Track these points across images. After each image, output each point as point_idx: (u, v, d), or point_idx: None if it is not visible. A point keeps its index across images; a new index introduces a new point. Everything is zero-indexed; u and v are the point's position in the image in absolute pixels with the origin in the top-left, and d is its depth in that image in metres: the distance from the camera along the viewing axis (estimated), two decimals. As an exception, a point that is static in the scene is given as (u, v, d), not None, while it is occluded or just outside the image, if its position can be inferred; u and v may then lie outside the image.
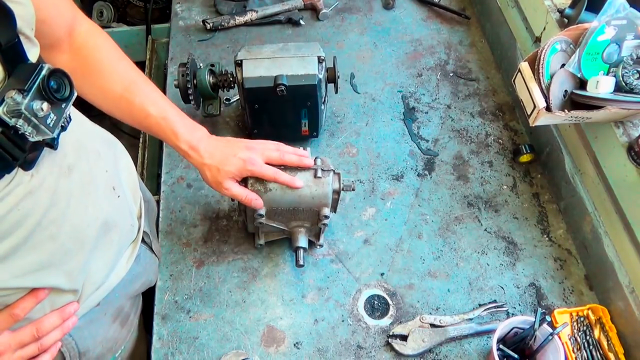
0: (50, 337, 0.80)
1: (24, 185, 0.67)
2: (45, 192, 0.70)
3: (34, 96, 0.62)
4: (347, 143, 1.33)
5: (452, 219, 1.20)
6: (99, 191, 0.82)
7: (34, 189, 0.68)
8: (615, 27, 0.98)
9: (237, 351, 1.01)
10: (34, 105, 0.62)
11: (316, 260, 1.13)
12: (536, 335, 0.94)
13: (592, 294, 1.10)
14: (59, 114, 0.67)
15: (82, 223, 0.78)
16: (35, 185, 0.68)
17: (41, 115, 0.63)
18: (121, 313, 0.98)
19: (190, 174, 1.27)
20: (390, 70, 1.49)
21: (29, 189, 0.67)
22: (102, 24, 2.00)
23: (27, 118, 0.62)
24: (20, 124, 0.61)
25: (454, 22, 1.63)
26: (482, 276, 1.12)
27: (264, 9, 1.59)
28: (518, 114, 1.39)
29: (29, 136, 0.63)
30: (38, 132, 0.64)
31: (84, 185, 0.78)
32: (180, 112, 0.98)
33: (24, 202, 0.67)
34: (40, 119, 0.64)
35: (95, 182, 0.81)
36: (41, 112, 0.63)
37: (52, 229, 0.73)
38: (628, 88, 0.98)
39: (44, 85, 0.63)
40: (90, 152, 0.82)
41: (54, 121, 0.66)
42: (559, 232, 1.19)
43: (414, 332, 1.02)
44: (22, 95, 0.61)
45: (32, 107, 0.62)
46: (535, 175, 1.28)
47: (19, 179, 0.66)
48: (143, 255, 1.01)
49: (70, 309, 0.82)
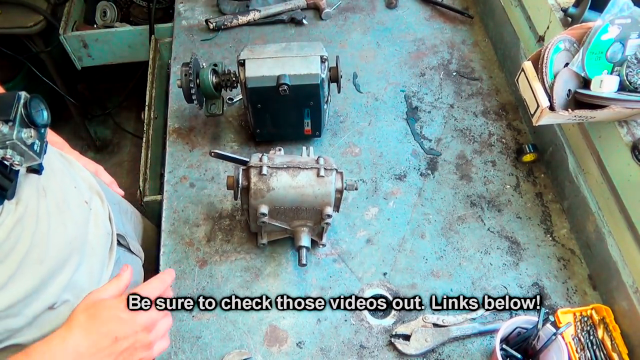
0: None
1: (12, 215, 0.67)
2: (30, 217, 0.71)
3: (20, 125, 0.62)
4: (350, 142, 1.33)
5: (455, 219, 1.20)
6: (72, 208, 0.84)
7: (21, 216, 0.69)
8: (619, 26, 0.98)
9: (240, 350, 1.01)
10: (22, 133, 0.63)
11: (319, 259, 1.13)
12: (539, 335, 0.94)
13: (595, 293, 1.10)
14: (41, 139, 0.68)
15: (63, 242, 0.79)
16: (21, 213, 0.69)
17: (29, 143, 0.64)
18: None
19: (193, 173, 1.27)
20: (393, 69, 1.49)
21: (17, 217, 0.68)
22: (105, 24, 2.01)
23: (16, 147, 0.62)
24: (10, 153, 0.62)
25: (457, 21, 1.62)
26: (485, 276, 1.12)
27: (267, 9, 1.59)
28: (521, 113, 1.39)
29: (17, 165, 0.64)
30: (26, 160, 0.65)
31: (58, 204, 0.79)
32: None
33: (14, 230, 0.68)
34: (29, 147, 0.64)
35: (67, 200, 0.82)
36: (30, 140, 0.64)
37: (39, 252, 0.74)
38: (632, 87, 0.97)
39: (26, 112, 0.64)
40: (55, 171, 0.82)
41: (39, 147, 0.67)
42: (563, 231, 1.19)
43: (416, 331, 1.02)
44: (8, 126, 0.61)
45: (21, 136, 0.63)
46: (538, 174, 1.28)
47: (7, 209, 0.67)
48: (123, 257, 1.02)
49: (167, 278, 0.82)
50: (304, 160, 1.02)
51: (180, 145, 1.33)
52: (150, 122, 1.59)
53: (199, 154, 1.31)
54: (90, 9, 2.05)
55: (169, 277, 0.82)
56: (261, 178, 0.98)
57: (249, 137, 1.33)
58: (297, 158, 1.03)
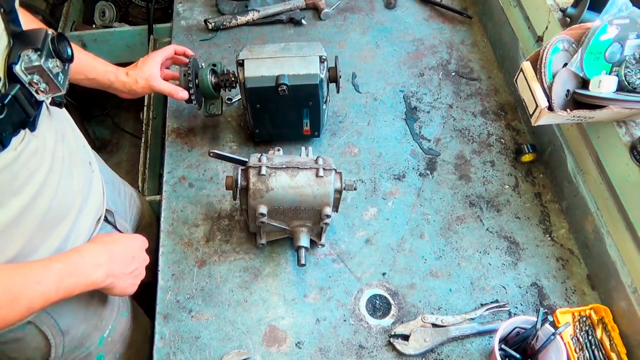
0: None
1: (31, 145, 0.73)
2: (47, 155, 0.77)
3: (47, 55, 0.70)
4: (349, 143, 1.33)
5: (454, 219, 1.20)
6: (79, 163, 0.88)
7: (38, 149, 0.75)
8: (617, 26, 0.98)
9: (239, 351, 1.01)
10: (49, 62, 0.71)
11: (318, 259, 1.13)
12: (538, 335, 0.94)
13: (594, 293, 1.10)
14: (65, 73, 0.75)
15: (69, 191, 0.83)
16: (39, 146, 0.75)
17: (55, 72, 0.72)
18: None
19: (192, 173, 1.27)
20: (392, 69, 1.49)
21: (34, 148, 0.74)
22: (104, 24, 2.01)
23: (44, 74, 0.70)
24: (36, 79, 0.69)
25: (456, 21, 1.63)
26: (484, 276, 1.12)
27: (266, 9, 1.59)
28: (520, 114, 1.39)
29: (42, 93, 0.71)
30: (50, 89, 0.72)
31: (71, 154, 0.84)
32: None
33: (31, 160, 0.73)
34: (54, 76, 0.72)
35: (77, 154, 0.88)
36: (56, 69, 0.72)
37: (50, 192, 0.78)
38: (630, 87, 0.97)
39: (54, 45, 0.72)
40: (70, 126, 0.89)
41: (63, 79, 0.75)
42: (561, 231, 1.19)
43: (415, 331, 1.02)
44: (37, 54, 0.69)
45: (48, 65, 0.70)
46: (537, 174, 1.28)
47: (28, 139, 0.73)
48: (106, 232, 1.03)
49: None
50: (303, 160, 1.02)
51: (179, 145, 1.33)
52: (149, 122, 1.59)
53: (198, 154, 1.31)
54: (89, 9, 2.05)
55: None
56: (260, 178, 0.98)
57: (248, 137, 1.33)
58: (296, 158, 1.03)
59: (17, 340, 0.86)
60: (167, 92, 1.20)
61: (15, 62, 0.67)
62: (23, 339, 0.86)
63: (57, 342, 0.90)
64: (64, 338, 0.91)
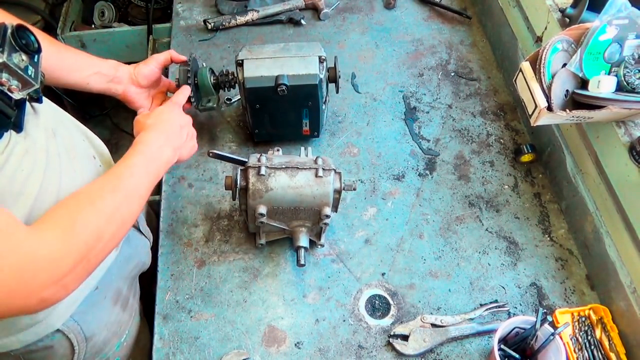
0: None
1: (20, 145, 0.71)
2: (40, 152, 0.75)
3: (10, 50, 0.68)
4: (348, 143, 1.33)
5: (454, 219, 1.20)
6: (81, 157, 0.87)
7: (30, 148, 0.73)
8: (616, 27, 0.98)
9: (238, 351, 1.01)
10: (13, 58, 0.68)
11: (317, 260, 1.13)
12: (537, 335, 0.94)
13: (593, 294, 1.10)
14: (35, 66, 0.73)
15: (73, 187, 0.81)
16: (30, 145, 0.73)
17: (22, 67, 0.69)
18: (120, 296, 1.00)
19: (191, 173, 1.27)
20: (391, 70, 1.49)
21: (25, 148, 0.72)
22: (103, 24, 2.00)
23: (11, 70, 0.67)
24: (5, 77, 0.67)
25: (455, 21, 1.63)
26: (484, 276, 1.12)
27: (265, 9, 1.59)
28: (519, 114, 1.39)
29: (15, 91, 0.69)
30: (24, 85, 0.70)
31: (68, 149, 0.82)
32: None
33: (24, 161, 0.71)
34: (23, 70, 0.69)
35: (76, 148, 0.86)
36: (22, 63, 0.69)
37: (53, 190, 0.76)
38: (630, 88, 0.97)
39: (14, 38, 0.69)
40: (65, 120, 0.88)
41: (33, 72, 0.72)
42: (561, 232, 1.19)
43: (415, 332, 1.02)
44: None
45: (13, 59, 0.68)
46: (536, 175, 1.28)
47: (15, 140, 0.71)
48: (132, 236, 1.04)
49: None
50: (303, 160, 1.02)
51: (178, 145, 1.33)
52: (149, 123, 1.59)
53: (197, 154, 1.30)
54: (88, 9, 2.05)
55: (187, 90, 1.15)
56: (259, 178, 0.98)
57: (248, 137, 1.33)
58: (296, 158, 1.03)
59: (46, 349, 0.87)
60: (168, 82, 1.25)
61: None
62: (52, 347, 0.87)
63: (80, 348, 0.91)
64: (87, 344, 0.92)
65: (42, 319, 0.82)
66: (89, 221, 0.72)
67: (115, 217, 0.76)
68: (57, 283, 0.66)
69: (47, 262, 0.65)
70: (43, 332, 0.84)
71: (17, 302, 0.64)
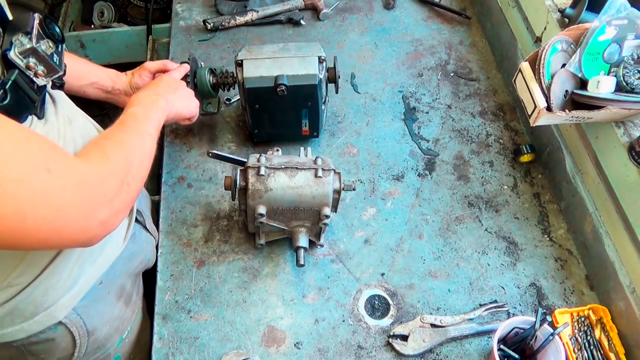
0: None
1: (39, 130, 0.75)
2: (57, 138, 0.78)
3: (38, 37, 0.73)
4: (348, 143, 1.33)
5: (453, 219, 1.20)
6: None
7: (48, 133, 0.76)
8: (616, 27, 0.98)
9: (238, 351, 1.01)
10: (41, 44, 0.73)
11: (317, 260, 1.13)
12: (537, 336, 0.94)
13: (593, 294, 1.10)
14: (59, 54, 0.78)
15: None
16: (48, 130, 0.77)
17: (49, 53, 0.74)
18: (124, 292, 1.01)
19: (190, 174, 1.27)
20: (390, 70, 1.49)
21: (44, 132, 0.75)
22: (102, 24, 2.00)
23: (39, 56, 0.72)
24: (32, 62, 0.71)
25: (454, 22, 1.63)
26: (483, 276, 1.12)
27: (265, 9, 1.59)
28: (519, 114, 1.39)
29: (41, 76, 0.73)
30: (49, 71, 0.75)
31: (83, 136, 0.85)
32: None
33: None
34: (49, 57, 0.74)
35: (90, 135, 0.88)
36: (49, 50, 0.74)
37: None
38: (629, 88, 0.98)
39: (42, 27, 0.74)
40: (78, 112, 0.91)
41: (58, 60, 0.77)
42: (560, 232, 1.19)
43: (414, 332, 1.02)
44: (28, 38, 0.71)
45: (41, 46, 0.72)
46: (536, 175, 1.28)
47: (35, 125, 0.74)
48: (138, 233, 1.04)
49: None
50: (302, 160, 1.02)
51: (177, 145, 1.33)
52: (148, 123, 1.59)
53: (197, 154, 1.31)
54: (88, 10, 2.05)
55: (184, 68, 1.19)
56: (259, 178, 0.98)
57: (247, 137, 1.33)
58: (295, 158, 1.03)
59: (48, 341, 0.87)
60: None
61: (8, 48, 0.69)
62: (54, 339, 0.88)
63: (82, 342, 0.91)
64: (89, 339, 0.92)
65: (47, 307, 0.83)
66: (115, 150, 0.77)
67: (133, 148, 0.81)
68: (110, 203, 0.70)
69: (98, 180, 0.69)
70: (47, 323, 0.84)
71: (81, 223, 0.66)
